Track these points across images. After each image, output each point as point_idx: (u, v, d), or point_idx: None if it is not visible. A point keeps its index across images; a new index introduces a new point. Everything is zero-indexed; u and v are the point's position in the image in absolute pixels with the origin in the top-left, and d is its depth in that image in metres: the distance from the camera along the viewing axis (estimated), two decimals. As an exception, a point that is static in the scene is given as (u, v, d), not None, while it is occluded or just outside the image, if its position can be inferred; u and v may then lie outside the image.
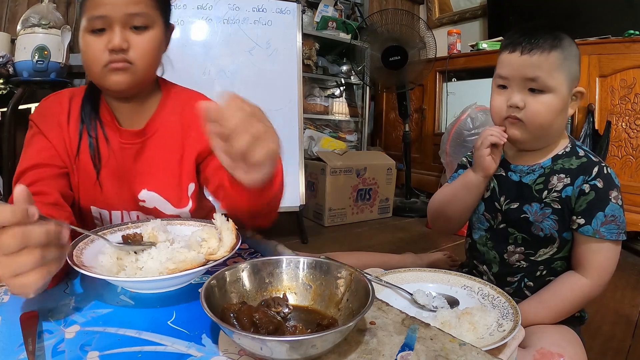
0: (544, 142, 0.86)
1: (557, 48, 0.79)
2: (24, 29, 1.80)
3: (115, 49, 0.68)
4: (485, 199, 0.94)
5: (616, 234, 0.79)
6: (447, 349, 0.42)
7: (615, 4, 2.37)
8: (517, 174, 0.89)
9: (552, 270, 0.87)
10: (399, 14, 2.61)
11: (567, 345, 0.74)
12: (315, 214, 2.52)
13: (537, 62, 0.79)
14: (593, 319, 1.31)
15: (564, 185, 0.83)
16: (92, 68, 0.71)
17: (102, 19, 0.68)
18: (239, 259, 0.66)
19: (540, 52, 0.78)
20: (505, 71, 0.83)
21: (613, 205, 0.80)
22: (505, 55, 0.83)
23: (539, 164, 0.87)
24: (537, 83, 0.79)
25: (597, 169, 0.81)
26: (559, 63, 0.79)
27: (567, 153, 0.86)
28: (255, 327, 0.41)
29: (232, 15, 1.95)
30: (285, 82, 2.01)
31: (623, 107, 2.06)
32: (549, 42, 0.79)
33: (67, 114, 0.77)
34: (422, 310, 0.74)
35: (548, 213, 0.84)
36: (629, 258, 1.94)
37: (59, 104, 0.78)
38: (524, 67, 0.80)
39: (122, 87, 0.72)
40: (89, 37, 0.70)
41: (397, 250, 1.89)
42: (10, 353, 0.40)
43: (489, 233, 0.94)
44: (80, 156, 0.77)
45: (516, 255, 0.89)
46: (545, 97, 0.80)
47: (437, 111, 3.07)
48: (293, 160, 1.99)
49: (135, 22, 0.70)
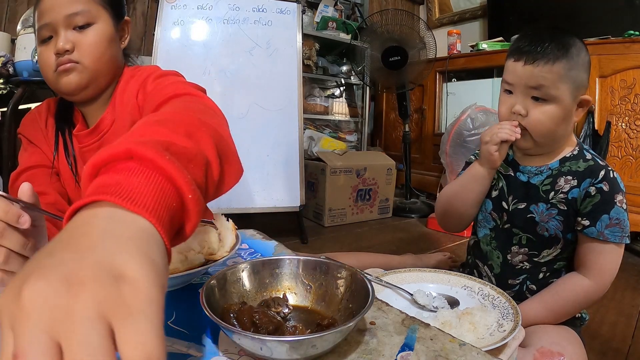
0: (548, 148, 0.86)
1: (563, 58, 0.78)
2: (24, 29, 1.80)
3: (59, 52, 0.69)
4: (493, 197, 0.94)
5: (620, 237, 0.80)
6: (447, 349, 0.42)
7: (615, 4, 2.37)
8: (525, 174, 0.90)
9: (555, 272, 0.87)
10: (399, 14, 2.61)
11: (567, 345, 0.74)
12: (315, 214, 2.52)
13: (540, 72, 0.78)
14: (593, 319, 1.31)
15: (571, 187, 0.83)
16: (46, 76, 0.73)
17: (47, 27, 0.70)
18: (239, 259, 0.66)
19: (545, 62, 0.78)
20: (510, 78, 0.84)
21: (618, 209, 0.80)
22: (511, 63, 0.84)
23: (547, 165, 0.87)
24: (540, 92, 0.79)
25: (603, 172, 0.82)
26: (563, 73, 0.78)
27: (574, 156, 0.86)
28: (255, 327, 0.41)
29: (232, 16, 1.95)
30: (285, 82, 2.01)
31: (623, 108, 2.06)
32: (554, 51, 0.78)
33: (44, 121, 0.80)
34: (422, 310, 0.74)
35: (554, 214, 0.85)
36: (629, 259, 1.94)
37: (38, 113, 0.82)
38: (528, 77, 0.80)
39: (72, 86, 0.72)
40: (40, 48, 0.73)
41: (397, 251, 1.89)
42: (10, 353, 0.40)
43: (493, 232, 0.94)
44: (59, 160, 0.79)
45: (520, 256, 0.89)
46: (548, 106, 0.80)
47: (437, 111, 3.07)
48: (293, 160, 1.99)
49: (77, 21, 0.71)
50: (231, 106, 1.90)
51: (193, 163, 0.36)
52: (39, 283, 0.21)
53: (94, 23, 0.73)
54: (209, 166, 0.39)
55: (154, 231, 0.28)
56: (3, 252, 0.39)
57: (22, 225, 0.39)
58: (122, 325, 0.21)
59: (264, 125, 1.96)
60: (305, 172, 2.08)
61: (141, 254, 0.25)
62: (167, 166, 0.32)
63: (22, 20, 1.85)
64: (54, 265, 0.23)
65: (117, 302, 0.22)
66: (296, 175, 1.99)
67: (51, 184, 0.75)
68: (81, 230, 0.26)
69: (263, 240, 0.76)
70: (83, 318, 0.21)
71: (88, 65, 0.72)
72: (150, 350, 0.21)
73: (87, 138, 0.78)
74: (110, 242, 0.25)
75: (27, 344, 0.20)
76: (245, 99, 1.94)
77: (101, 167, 0.33)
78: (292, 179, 1.98)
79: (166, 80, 0.71)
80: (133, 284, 0.23)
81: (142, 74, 0.77)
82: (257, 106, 1.96)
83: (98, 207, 0.28)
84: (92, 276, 0.22)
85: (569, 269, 0.87)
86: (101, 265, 0.23)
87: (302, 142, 2.02)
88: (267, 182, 1.94)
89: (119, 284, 0.22)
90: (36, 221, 0.41)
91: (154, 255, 0.26)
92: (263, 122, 1.96)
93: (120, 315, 0.21)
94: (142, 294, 0.23)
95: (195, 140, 0.39)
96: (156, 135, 0.36)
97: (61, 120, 0.80)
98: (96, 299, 0.21)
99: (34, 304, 0.21)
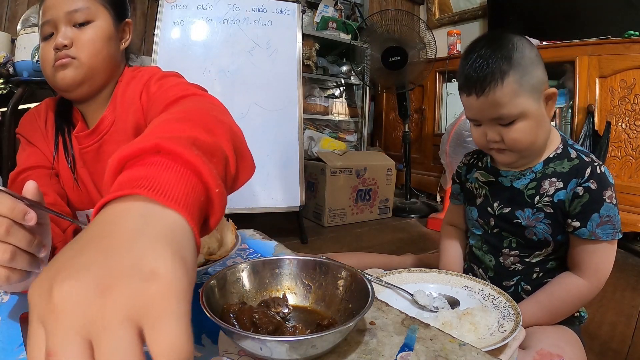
0: (535, 154, 0.86)
1: (509, 71, 0.76)
2: (24, 29, 1.80)
3: (58, 47, 0.70)
4: (478, 205, 0.95)
5: (612, 234, 0.79)
6: (446, 349, 0.42)
7: (615, 4, 2.37)
8: (508, 178, 0.89)
9: (548, 272, 0.87)
10: (399, 14, 2.61)
11: (567, 346, 0.74)
12: (315, 214, 2.52)
13: (494, 100, 0.77)
14: (593, 319, 1.31)
15: (556, 189, 0.82)
16: (45, 71, 0.74)
17: (49, 24, 0.72)
18: (239, 259, 0.66)
19: (494, 84, 0.76)
20: (471, 114, 0.84)
21: (607, 206, 0.79)
22: (465, 99, 0.83)
23: (530, 168, 0.86)
24: (503, 119, 0.79)
25: (589, 170, 0.80)
26: (516, 87, 0.76)
27: (558, 155, 0.85)
28: (255, 327, 0.41)
29: (232, 16, 1.95)
30: (285, 82, 2.01)
31: (623, 108, 2.06)
32: (498, 68, 0.76)
33: (44, 121, 0.80)
34: (422, 310, 0.74)
35: (541, 218, 0.84)
36: (629, 259, 1.93)
37: (37, 113, 0.82)
38: (486, 109, 0.79)
39: (67, 81, 0.72)
40: (41, 45, 0.74)
41: (397, 251, 1.89)
42: (10, 353, 0.40)
43: (483, 237, 0.95)
44: (59, 160, 0.79)
45: (511, 258, 0.89)
46: (518, 124, 0.79)
47: (437, 111, 3.07)
48: (293, 160, 1.99)
49: (77, 18, 0.72)
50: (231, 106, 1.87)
51: (216, 158, 0.37)
52: (71, 283, 0.22)
53: (93, 21, 0.74)
54: (227, 162, 0.40)
55: (187, 226, 0.28)
56: (9, 249, 0.39)
57: (28, 222, 0.39)
58: (152, 326, 0.22)
59: (264, 125, 1.96)
60: (305, 172, 2.08)
61: (172, 251, 0.25)
62: (195, 161, 0.32)
63: (22, 20, 1.85)
64: (84, 265, 0.23)
65: (146, 303, 0.22)
66: (296, 176, 1.99)
67: (50, 185, 0.75)
68: (112, 228, 0.26)
69: (263, 240, 0.76)
70: (114, 320, 0.21)
71: (84, 61, 0.72)
72: (180, 350, 0.22)
73: (87, 139, 0.78)
74: (141, 241, 0.25)
75: (60, 344, 0.21)
76: (245, 99, 1.94)
77: (127, 161, 0.33)
78: (292, 179, 1.98)
79: (170, 82, 0.71)
80: (163, 284, 0.23)
81: (143, 75, 0.77)
82: (257, 106, 1.96)
83: (130, 202, 0.28)
84: (122, 278, 0.22)
85: (562, 267, 0.87)
86: (132, 267, 0.23)
87: (302, 142, 2.02)
88: (267, 182, 1.94)
89: (149, 284, 0.23)
90: (41, 219, 0.42)
91: (184, 252, 0.26)
92: (263, 122, 1.96)
93: (150, 317, 0.22)
94: (171, 294, 0.23)
95: (215, 136, 0.39)
96: (179, 131, 0.37)
97: (61, 120, 0.80)
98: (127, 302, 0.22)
99: (66, 304, 0.22)
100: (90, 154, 0.78)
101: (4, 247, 0.38)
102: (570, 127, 2.27)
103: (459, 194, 1.04)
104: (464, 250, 1.04)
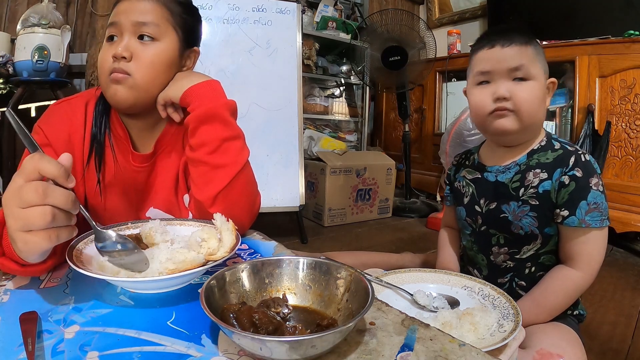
0: (531, 133, 0.86)
1: (531, 43, 0.83)
2: (23, 29, 1.80)
3: (117, 56, 0.68)
4: (466, 204, 0.95)
5: (600, 221, 0.79)
6: (446, 349, 0.42)
7: (615, 4, 2.37)
8: (493, 174, 0.90)
9: (541, 266, 0.87)
10: (399, 14, 2.61)
11: (567, 346, 0.74)
12: (315, 214, 2.52)
13: (517, 52, 0.82)
14: (593, 319, 1.32)
15: (540, 180, 0.83)
16: (100, 77, 0.72)
17: (115, 26, 0.70)
18: (238, 259, 0.66)
19: (518, 44, 0.82)
20: (488, 66, 0.84)
21: (594, 193, 0.79)
22: (484, 52, 0.85)
23: (514, 161, 0.87)
24: (522, 71, 0.81)
25: (573, 159, 0.81)
26: (535, 54, 0.83)
27: (542, 147, 0.86)
28: (255, 328, 0.41)
29: (232, 15, 1.95)
30: (285, 82, 2.01)
31: (623, 108, 2.06)
32: (523, 37, 0.83)
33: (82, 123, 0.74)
34: (422, 310, 0.74)
35: (526, 210, 0.84)
36: (629, 258, 1.93)
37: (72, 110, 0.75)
38: (507, 59, 0.82)
39: (118, 99, 0.69)
40: (103, 45, 0.72)
41: (397, 251, 1.89)
42: (9, 353, 0.40)
43: (473, 237, 0.95)
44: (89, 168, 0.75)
45: (501, 255, 0.90)
46: (529, 83, 0.82)
47: (437, 111, 3.07)
48: (293, 160, 1.99)
49: (144, 30, 0.70)
50: (231, 106, 1.89)
51: None
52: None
53: (158, 40, 0.71)
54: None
55: None
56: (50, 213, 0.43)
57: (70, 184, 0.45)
58: None
59: (264, 125, 1.96)
60: (305, 172, 2.08)
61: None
62: None
63: (22, 20, 1.85)
64: None
65: None
66: (296, 175, 1.99)
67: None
68: None
69: (263, 240, 0.76)
70: None
71: (139, 82, 0.69)
72: None
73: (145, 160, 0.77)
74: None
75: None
76: (245, 98, 1.94)
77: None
78: (292, 179, 1.98)
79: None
80: None
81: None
82: (257, 106, 1.96)
83: None
84: None
85: (554, 261, 0.87)
86: None
87: (302, 142, 2.02)
88: (267, 182, 1.94)
89: None
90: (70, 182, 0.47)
91: None
92: (263, 122, 1.96)
93: None
94: None
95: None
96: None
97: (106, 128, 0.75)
98: None
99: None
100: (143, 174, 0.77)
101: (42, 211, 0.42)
102: (570, 126, 2.27)
103: (449, 195, 1.06)
104: (459, 252, 1.04)
